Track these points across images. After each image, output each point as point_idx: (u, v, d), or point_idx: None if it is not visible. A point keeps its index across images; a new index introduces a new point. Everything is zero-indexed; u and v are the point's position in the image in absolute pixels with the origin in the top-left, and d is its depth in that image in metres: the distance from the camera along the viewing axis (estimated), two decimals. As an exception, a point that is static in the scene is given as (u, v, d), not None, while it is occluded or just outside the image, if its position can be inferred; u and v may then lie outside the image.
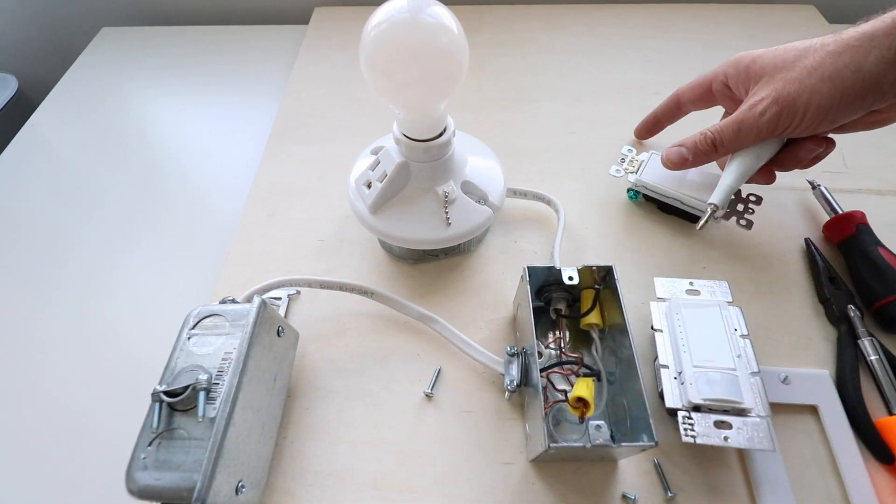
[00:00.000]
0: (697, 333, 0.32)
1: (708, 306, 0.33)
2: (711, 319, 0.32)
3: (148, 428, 0.27)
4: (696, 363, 0.30)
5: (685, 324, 0.32)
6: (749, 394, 0.29)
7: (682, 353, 0.31)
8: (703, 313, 0.33)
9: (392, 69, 0.30)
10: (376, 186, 0.37)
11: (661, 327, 0.33)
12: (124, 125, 0.58)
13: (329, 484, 0.32)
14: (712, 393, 0.29)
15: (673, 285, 0.35)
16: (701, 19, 0.64)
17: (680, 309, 0.33)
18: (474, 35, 0.61)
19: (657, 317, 0.34)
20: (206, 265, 0.44)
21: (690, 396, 0.29)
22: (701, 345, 0.31)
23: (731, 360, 0.30)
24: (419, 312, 0.37)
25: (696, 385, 0.30)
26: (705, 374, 0.30)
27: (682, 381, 0.30)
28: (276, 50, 0.65)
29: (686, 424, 0.29)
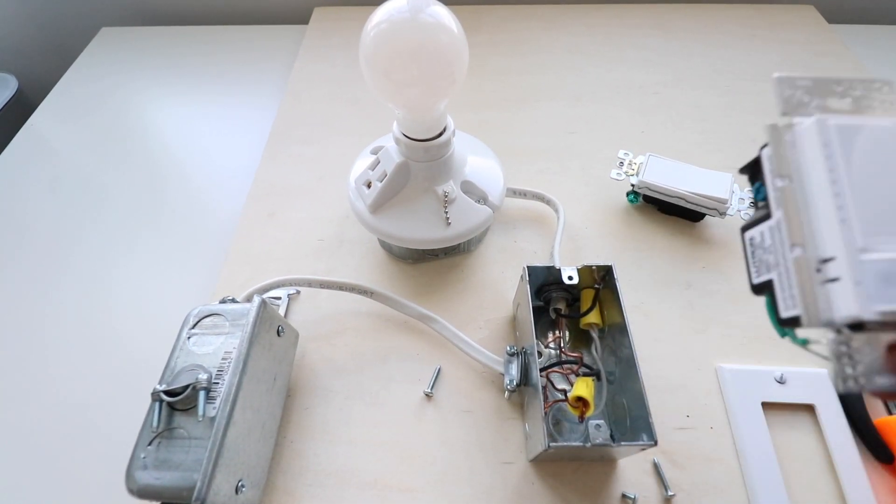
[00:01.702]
0: (865, 184, 0.18)
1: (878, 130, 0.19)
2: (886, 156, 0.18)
3: (148, 427, 0.27)
4: (867, 243, 0.17)
5: (840, 164, 0.18)
6: None
7: (831, 223, 0.18)
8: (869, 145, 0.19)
9: (392, 69, 0.30)
10: (376, 186, 0.37)
11: (786, 172, 0.19)
12: (124, 125, 0.58)
13: (329, 483, 0.32)
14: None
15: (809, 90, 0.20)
16: (701, 19, 0.64)
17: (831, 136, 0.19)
18: (474, 35, 0.61)
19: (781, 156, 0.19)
20: (206, 265, 0.44)
21: (858, 308, 0.16)
22: (874, 206, 0.18)
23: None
24: (419, 312, 0.37)
25: (866, 285, 0.16)
26: (884, 264, 0.17)
27: (833, 277, 0.17)
28: (276, 50, 0.65)
29: (845, 358, 0.17)
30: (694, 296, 0.39)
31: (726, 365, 0.36)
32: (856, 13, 0.68)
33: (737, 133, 0.51)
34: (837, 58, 0.59)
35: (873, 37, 0.63)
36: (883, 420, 0.32)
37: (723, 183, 0.41)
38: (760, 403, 0.33)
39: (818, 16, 0.64)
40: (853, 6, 0.68)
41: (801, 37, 0.62)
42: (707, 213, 0.41)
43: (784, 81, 0.20)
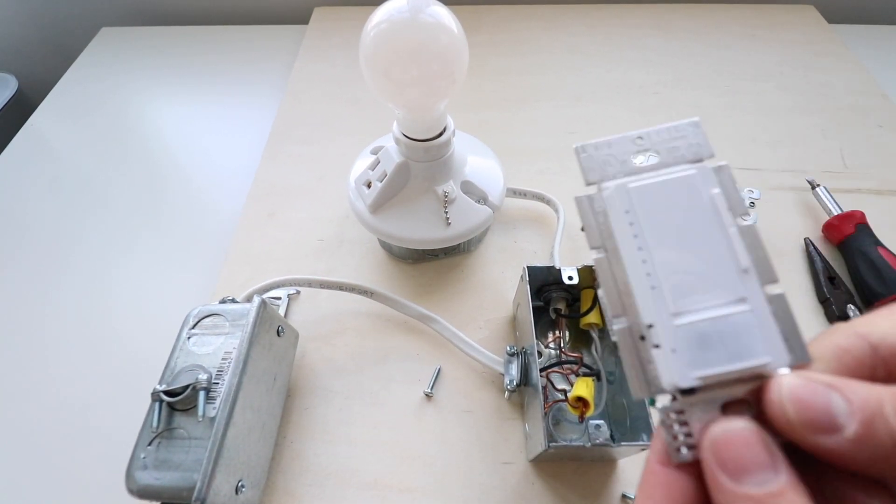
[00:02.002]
0: (668, 244, 0.18)
1: (675, 183, 0.18)
2: (686, 210, 0.18)
3: (148, 427, 0.27)
4: (678, 307, 0.17)
5: (644, 229, 0.18)
6: (771, 334, 0.16)
7: (643, 291, 0.17)
8: (667, 202, 0.18)
9: (392, 69, 0.30)
10: (376, 186, 0.37)
11: (599, 244, 0.19)
12: (124, 125, 0.58)
13: (329, 484, 0.32)
14: (718, 361, 0.16)
15: (610, 152, 0.19)
16: (701, 19, 0.64)
17: (629, 200, 0.18)
18: (474, 35, 0.61)
19: (590, 226, 0.19)
20: (206, 265, 0.44)
21: (676, 377, 0.16)
22: (679, 266, 0.18)
23: (737, 285, 0.17)
24: (419, 312, 0.37)
25: (682, 351, 0.16)
26: (696, 327, 0.17)
27: (654, 345, 0.17)
28: (276, 50, 0.65)
29: (675, 426, 0.16)
30: (694, 296, 0.39)
31: (726, 365, 0.35)
32: (856, 13, 0.68)
33: (737, 133, 0.51)
34: (837, 58, 0.59)
35: (873, 37, 0.63)
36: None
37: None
38: (760, 403, 0.33)
39: (818, 16, 0.64)
40: (853, 6, 0.68)
41: (801, 37, 0.61)
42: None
43: (582, 150, 0.20)
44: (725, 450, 0.14)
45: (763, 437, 0.14)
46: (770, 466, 0.13)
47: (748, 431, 0.14)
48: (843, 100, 0.54)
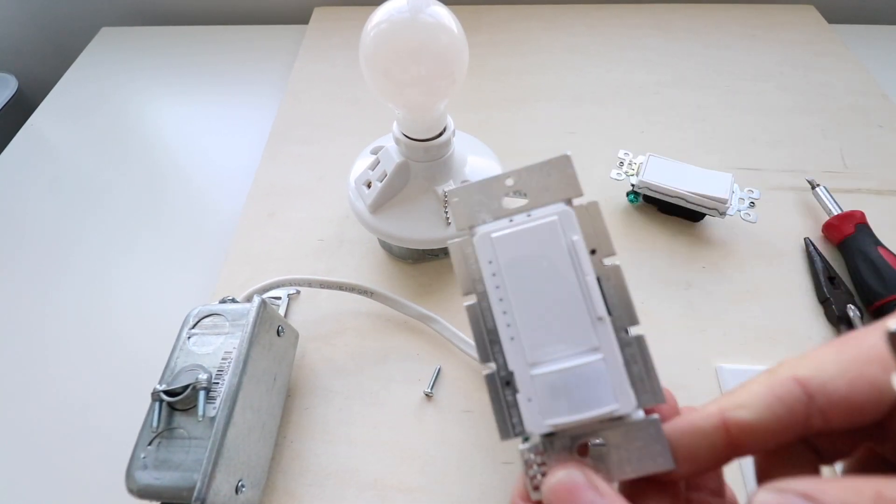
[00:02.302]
0: (528, 294, 0.18)
1: (537, 230, 0.18)
2: (546, 258, 0.18)
3: (148, 427, 0.27)
4: (534, 357, 0.18)
5: (505, 279, 0.18)
6: (620, 382, 0.17)
7: (505, 340, 0.18)
8: (529, 250, 0.18)
9: (392, 69, 0.30)
10: (376, 186, 0.37)
11: (471, 289, 0.19)
12: (124, 125, 0.58)
13: (329, 484, 0.32)
14: (568, 410, 0.17)
15: (481, 196, 0.19)
16: (701, 19, 0.64)
17: (493, 249, 0.19)
18: (474, 35, 0.61)
19: (460, 273, 0.19)
20: (206, 265, 0.44)
21: (530, 425, 0.17)
22: (537, 317, 0.18)
23: (591, 334, 0.17)
24: (419, 312, 0.37)
25: (537, 400, 0.17)
26: (549, 377, 0.17)
27: (516, 391, 0.18)
28: (276, 50, 0.65)
29: (534, 467, 0.17)
30: (694, 296, 0.39)
31: (726, 365, 0.36)
32: (856, 13, 0.68)
33: (737, 133, 0.51)
34: (837, 58, 0.59)
35: (873, 37, 0.63)
36: (883, 420, 0.32)
37: (723, 183, 0.41)
38: (760, 403, 0.33)
39: (818, 16, 0.64)
40: (853, 6, 0.68)
41: (801, 37, 0.61)
42: (707, 213, 0.41)
43: (454, 193, 0.19)
44: (560, 497, 0.15)
45: (585, 480, 0.15)
46: (597, 500, 0.14)
47: (571, 479, 0.15)
48: (843, 100, 0.54)
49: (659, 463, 0.16)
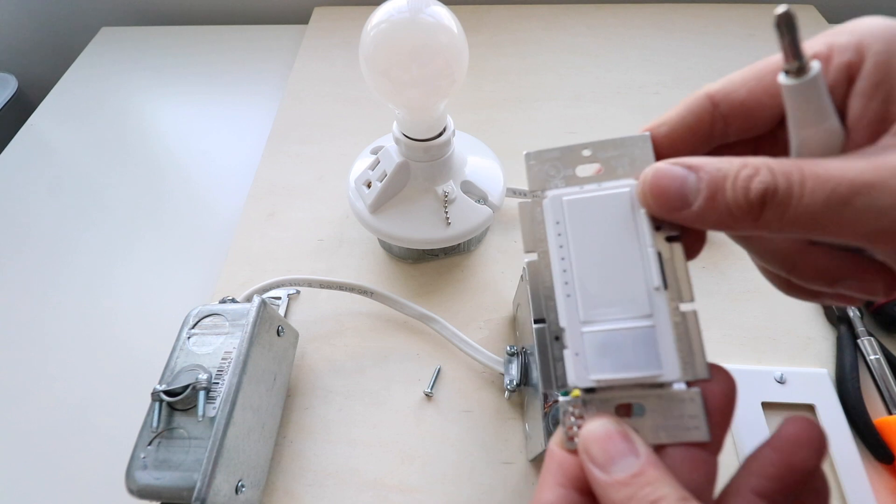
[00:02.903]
0: (589, 257, 0.19)
1: (607, 199, 0.19)
2: (612, 226, 0.19)
3: (148, 427, 0.27)
4: (587, 316, 0.18)
5: (569, 240, 0.19)
6: (668, 350, 0.18)
7: (561, 297, 0.19)
8: (596, 216, 0.19)
9: (392, 69, 0.30)
10: (376, 186, 0.37)
11: (532, 248, 0.20)
12: (124, 125, 0.58)
13: (329, 484, 0.32)
14: (613, 368, 0.18)
15: (556, 162, 0.20)
16: (701, 19, 0.64)
17: (562, 211, 0.19)
18: (474, 35, 0.61)
19: (526, 231, 0.20)
20: (206, 265, 0.44)
21: (575, 378, 0.18)
22: (595, 279, 0.19)
23: (645, 302, 0.18)
24: (419, 312, 0.37)
25: (584, 355, 0.18)
26: (599, 336, 0.18)
27: (564, 346, 0.19)
28: (276, 50, 0.65)
29: (571, 418, 0.18)
30: (694, 296, 0.39)
31: (726, 365, 0.35)
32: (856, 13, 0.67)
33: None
34: (837, 58, 0.59)
35: (873, 37, 0.63)
36: (883, 420, 0.32)
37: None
38: (760, 403, 0.34)
39: (818, 16, 0.64)
40: (853, 6, 0.68)
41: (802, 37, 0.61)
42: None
43: (531, 157, 0.21)
44: (592, 447, 0.16)
45: (620, 429, 0.16)
46: (630, 452, 0.15)
47: (606, 428, 0.16)
48: (843, 100, 0.54)
49: (694, 434, 0.17)
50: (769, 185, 0.14)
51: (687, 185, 0.16)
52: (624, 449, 0.15)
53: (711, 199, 0.16)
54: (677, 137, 0.18)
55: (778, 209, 0.15)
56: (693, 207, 0.16)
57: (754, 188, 0.15)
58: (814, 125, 0.16)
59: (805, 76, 0.15)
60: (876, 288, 0.17)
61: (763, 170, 0.15)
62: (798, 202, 0.14)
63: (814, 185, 0.14)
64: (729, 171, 0.15)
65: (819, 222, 0.14)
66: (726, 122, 0.18)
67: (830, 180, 0.14)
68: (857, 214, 0.14)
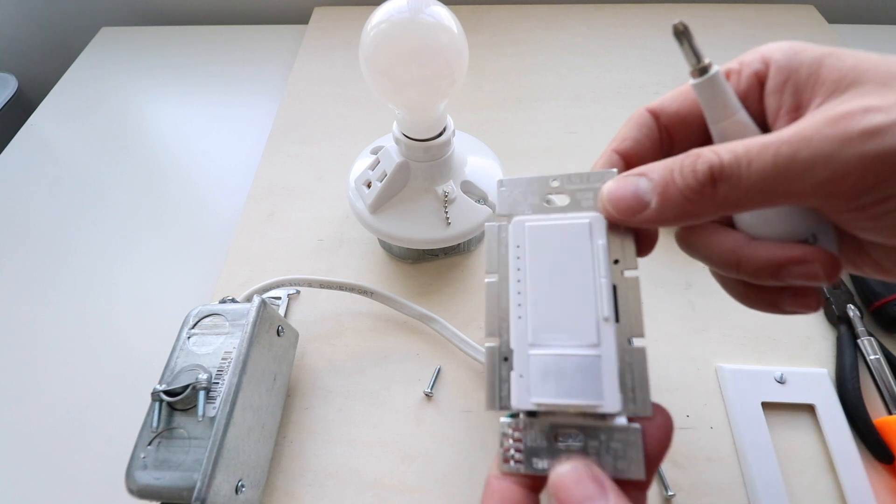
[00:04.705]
0: (545, 282, 0.19)
1: (567, 228, 0.20)
2: (570, 254, 0.19)
3: (148, 427, 0.27)
4: (536, 339, 0.19)
5: (527, 264, 0.20)
6: (610, 382, 0.18)
7: (513, 319, 0.19)
8: (556, 244, 0.20)
9: (392, 69, 0.30)
10: (376, 186, 0.37)
11: (494, 269, 0.20)
12: (124, 125, 0.58)
13: (329, 484, 0.32)
14: (555, 393, 0.18)
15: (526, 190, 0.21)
16: (701, 19, 0.64)
17: (524, 236, 0.20)
18: (474, 35, 0.61)
19: (489, 252, 0.21)
20: (206, 265, 0.44)
21: (516, 400, 0.18)
22: (548, 304, 0.19)
23: (593, 331, 0.18)
24: (419, 312, 0.37)
25: (528, 378, 0.18)
26: (544, 359, 0.18)
27: (511, 368, 0.19)
28: (276, 50, 0.65)
29: (509, 440, 0.18)
30: (694, 296, 0.39)
31: (726, 365, 0.36)
32: (856, 13, 0.68)
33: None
34: (837, 58, 0.59)
35: (873, 37, 0.63)
36: (883, 420, 0.32)
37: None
38: (760, 403, 0.34)
39: (818, 16, 0.64)
40: (853, 6, 0.68)
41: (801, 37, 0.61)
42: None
43: (504, 184, 0.21)
44: (562, 491, 0.16)
45: (589, 471, 0.16)
46: (599, 495, 0.15)
47: (576, 471, 0.16)
48: (843, 100, 0.54)
49: (630, 471, 0.17)
50: (713, 162, 0.16)
51: (640, 189, 0.18)
52: (592, 492, 0.16)
53: (664, 194, 0.17)
54: (640, 148, 0.21)
55: (730, 182, 0.16)
56: (651, 206, 0.17)
57: (700, 168, 0.16)
58: (726, 118, 0.18)
59: (707, 74, 0.17)
60: (816, 271, 0.17)
61: (705, 152, 0.16)
62: (748, 172, 0.15)
63: (758, 152, 0.15)
64: (674, 163, 0.17)
65: (772, 187, 0.15)
66: (669, 132, 0.21)
67: (770, 146, 0.15)
68: (804, 168, 0.15)
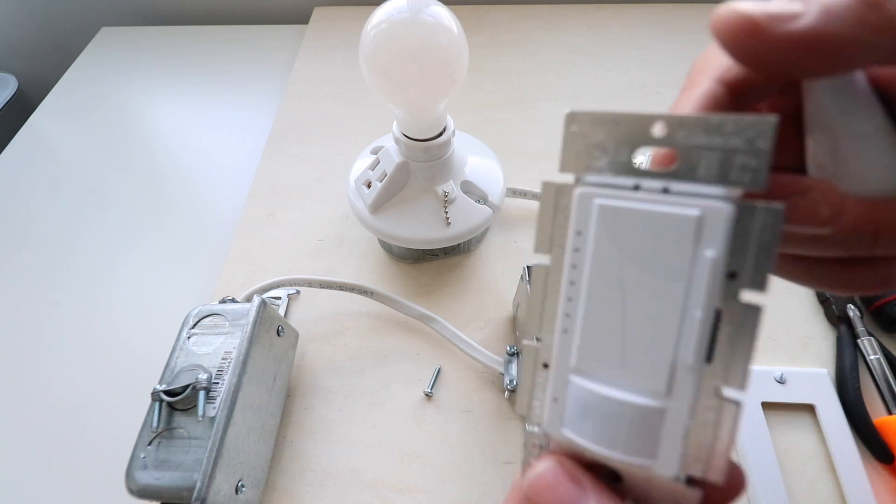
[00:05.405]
0: (609, 292, 0.14)
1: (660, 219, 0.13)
2: (657, 259, 0.13)
3: (148, 427, 0.27)
4: (580, 364, 0.14)
5: (588, 262, 0.14)
6: (671, 444, 0.13)
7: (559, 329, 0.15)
8: (638, 239, 0.13)
9: (392, 69, 0.30)
10: (376, 186, 0.37)
11: (546, 249, 0.15)
12: (124, 125, 0.58)
13: (329, 484, 0.32)
14: (592, 437, 0.14)
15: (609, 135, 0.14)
16: (701, 19, 0.64)
17: (590, 218, 0.14)
18: (474, 35, 0.61)
19: (542, 225, 0.15)
20: (206, 265, 0.44)
21: (548, 423, 0.15)
22: (605, 322, 0.14)
23: (663, 375, 0.13)
24: (419, 312, 0.37)
25: (563, 405, 0.14)
26: (586, 394, 0.14)
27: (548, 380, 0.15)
28: (276, 50, 0.65)
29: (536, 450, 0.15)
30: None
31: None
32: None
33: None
34: (837, 58, 0.59)
35: (873, 37, 0.63)
36: (883, 420, 0.32)
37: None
38: (760, 403, 0.34)
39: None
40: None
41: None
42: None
43: (576, 119, 0.14)
44: (538, 492, 0.14)
45: (567, 471, 0.14)
46: (577, 496, 0.14)
47: (553, 471, 0.14)
48: (843, 100, 0.54)
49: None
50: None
51: None
52: (571, 493, 0.14)
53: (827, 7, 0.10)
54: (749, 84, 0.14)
55: None
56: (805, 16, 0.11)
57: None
58: None
59: None
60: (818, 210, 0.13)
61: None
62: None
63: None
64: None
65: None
66: None
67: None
68: None
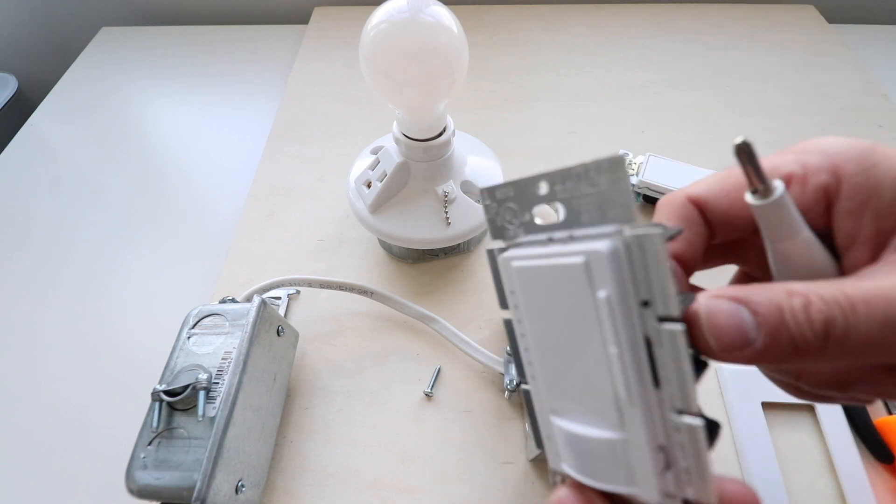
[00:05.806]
0: (550, 340, 0.15)
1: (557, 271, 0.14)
2: (571, 305, 0.14)
3: (148, 427, 0.27)
4: (554, 406, 0.16)
5: (524, 315, 0.16)
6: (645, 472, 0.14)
7: (529, 377, 0.17)
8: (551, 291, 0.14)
9: (392, 69, 0.30)
10: (376, 186, 0.37)
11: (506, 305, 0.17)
12: (124, 125, 0.58)
13: (329, 484, 0.32)
14: (582, 470, 0.15)
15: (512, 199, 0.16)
16: (701, 19, 0.64)
17: (513, 279, 0.16)
18: (474, 35, 0.61)
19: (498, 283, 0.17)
20: (206, 265, 0.44)
21: (551, 459, 0.17)
22: (557, 369, 0.15)
23: (612, 411, 0.14)
24: (419, 312, 0.37)
25: (555, 443, 0.16)
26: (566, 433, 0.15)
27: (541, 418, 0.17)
28: (276, 50, 0.65)
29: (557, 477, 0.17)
30: (694, 296, 0.39)
31: (726, 365, 0.35)
32: (856, 13, 0.68)
33: (737, 133, 0.51)
34: (837, 58, 0.59)
35: (873, 37, 0.63)
36: (883, 420, 0.32)
37: (723, 183, 0.40)
38: (760, 403, 0.34)
39: (818, 16, 0.64)
40: (853, 6, 0.68)
41: (801, 37, 0.61)
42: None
43: (485, 194, 0.16)
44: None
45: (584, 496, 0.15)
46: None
47: (568, 498, 0.15)
48: (844, 100, 0.54)
49: None
50: (827, 315, 0.14)
51: (745, 323, 0.14)
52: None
53: (773, 336, 0.14)
54: (691, 244, 0.19)
55: (839, 339, 0.14)
56: (755, 346, 0.14)
57: (816, 319, 0.14)
58: (789, 238, 0.16)
59: (770, 197, 0.15)
60: (890, 391, 0.16)
61: (814, 300, 0.14)
62: (856, 330, 0.13)
63: (866, 310, 0.13)
64: (781, 300, 0.14)
65: (877, 346, 0.14)
66: (711, 229, 0.19)
67: (878, 302, 0.13)
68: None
